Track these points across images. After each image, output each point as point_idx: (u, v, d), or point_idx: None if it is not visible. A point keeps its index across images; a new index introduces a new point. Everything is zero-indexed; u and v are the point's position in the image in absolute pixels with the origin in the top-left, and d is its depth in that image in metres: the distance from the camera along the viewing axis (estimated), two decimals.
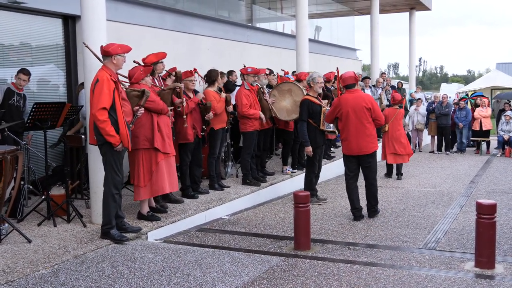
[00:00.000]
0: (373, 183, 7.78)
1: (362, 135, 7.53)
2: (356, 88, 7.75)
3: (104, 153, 6.16)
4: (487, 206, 5.50)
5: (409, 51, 23.45)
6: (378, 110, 7.62)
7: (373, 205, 7.88)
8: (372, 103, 7.54)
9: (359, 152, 7.62)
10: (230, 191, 8.86)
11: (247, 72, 9.24)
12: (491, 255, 5.47)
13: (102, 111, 5.87)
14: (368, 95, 7.66)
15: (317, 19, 22.32)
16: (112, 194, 6.14)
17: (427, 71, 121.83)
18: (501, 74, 34.12)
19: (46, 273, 5.18)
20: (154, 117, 6.88)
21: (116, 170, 6.15)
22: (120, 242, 6.17)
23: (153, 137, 6.83)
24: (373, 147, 7.64)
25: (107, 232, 6.20)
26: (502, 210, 8.22)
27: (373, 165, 7.73)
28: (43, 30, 9.12)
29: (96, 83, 5.96)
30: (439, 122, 16.15)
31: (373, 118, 7.57)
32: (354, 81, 7.74)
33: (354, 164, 7.80)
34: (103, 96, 5.86)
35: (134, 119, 6.45)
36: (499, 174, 12.16)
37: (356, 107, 7.49)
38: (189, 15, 12.75)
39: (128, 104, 6.37)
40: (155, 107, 6.79)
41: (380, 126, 7.94)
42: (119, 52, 6.14)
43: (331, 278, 5.12)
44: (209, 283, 4.96)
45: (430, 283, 5.00)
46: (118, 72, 6.35)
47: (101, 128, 5.91)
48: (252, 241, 6.71)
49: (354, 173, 7.85)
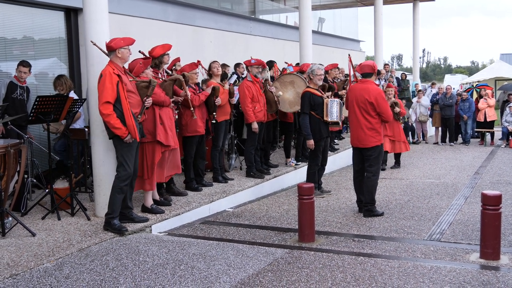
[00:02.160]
0: (371, 177, 7.49)
1: (362, 128, 7.40)
2: (370, 79, 7.57)
3: (115, 146, 6.29)
4: (492, 197, 5.47)
5: (412, 42, 23.33)
6: (383, 105, 7.34)
7: (367, 202, 7.53)
8: (377, 98, 7.29)
9: (358, 144, 7.51)
10: (234, 184, 8.85)
11: (251, 64, 9.20)
12: (496, 246, 5.45)
13: (106, 105, 5.97)
14: (376, 89, 7.45)
15: (320, 11, 22.24)
16: (119, 186, 6.21)
17: (430, 62, 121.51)
18: (505, 65, 33.95)
19: (50, 266, 5.19)
20: (156, 109, 6.88)
21: (127, 162, 6.21)
22: (120, 232, 6.20)
23: (155, 131, 6.83)
24: (374, 141, 7.41)
25: (109, 222, 6.26)
26: (507, 201, 8.19)
27: (373, 159, 7.49)
28: (46, 23, 9.10)
29: (100, 79, 6.09)
30: (443, 114, 16.09)
31: (378, 113, 7.38)
32: (371, 71, 7.52)
33: (357, 157, 7.69)
34: (105, 91, 5.97)
35: (142, 110, 6.45)
36: (503, 165, 12.11)
37: (359, 98, 7.38)
38: (192, 7, 12.71)
39: (135, 96, 6.37)
40: (157, 99, 6.78)
41: (386, 122, 7.76)
42: (122, 45, 6.21)
43: (335, 270, 5.11)
44: (214, 276, 4.96)
45: (435, 274, 4.98)
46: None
47: (106, 122, 6.05)
48: (256, 234, 6.70)
49: (358, 167, 7.71)
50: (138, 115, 6.38)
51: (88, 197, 7.80)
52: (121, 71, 6.22)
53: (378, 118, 7.42)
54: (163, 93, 6.96)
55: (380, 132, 7.52)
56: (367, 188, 7.50)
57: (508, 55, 46.69)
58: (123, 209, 6.44)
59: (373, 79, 7.73)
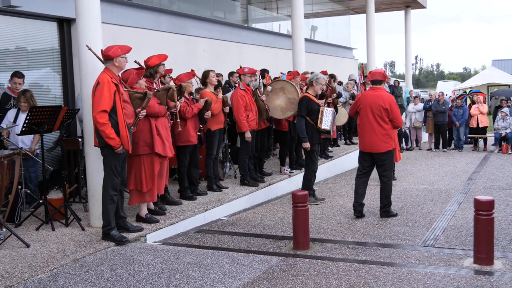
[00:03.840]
0: (387, 182, 7.78)
1: (376, 133, 7.61)
2: (381, 86, 7.81)
3: (104, 155, 6.22)
4: (485, 202, 5.51)
5: (405, 49, 23.47)
6: (396, 112, 7.63)
7: (384, 205, 7.86)
8: (391, 104, 7.57)
9: (371, 149, 7.70)
10: (228, 192, 8.85)
11: (244, 72, 9.23)
12: (490, 251, 5.48)
13: (102, 113, 5.91)
14: (389, 96, 7.77)
15: (312, 19, 22.34)
16: (110, 196, 6.18)
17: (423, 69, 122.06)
18: (497, 71, 34.23)
19: (44, 277, 5.17)
20: (152, 121, 6.84)
21: (116, 172, 6.18)
22: (120, 242, 6.18)
23: (153, 142, 6.81)
24: (387, 146, 7.65)
25: (108, 233, 6.23)
26: (500, 206, 8.23)
27: (388, 164, 7.73)
28: (39, 33, 9.11)
29: (97, 86, 6.01)
30: (436, 120, 16.18)
31: (390, 119, 7.61)
32: (382, 78, 7.82)
33: (367, 162, 7.86)
34: (103, 99, 5.91)
35: (136, 121, 6.44)
36: (496, 171, 12.18)
37: (374, 105, 7.58)
38: (185, 17, 12.75)
39: (129, 106, 6.36)
40: (151, 111, 6.75)
41: (397, 128, 8.02)
42: (120, 54, 6.18)
43: (330, 277, 5.12)
44: (209, 284, 4.96)
45: (429, 280, 5.00)
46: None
47: (101, 131, 5.96)
48: (251, 242, 6.71)
49: (366, 171, 7.91)
50: (132, 126, 6.38)
51: (83, 207, 7.78)
52: (117, 80, 6.20)
53: (390, 124, 7.65)
54: (157, 104, 6.94)
55: (392, 137, 7.78)
56: (384, 193, 7.82)
57: (500, 61, 47.07)
58: (117, 219, 6.41)
59: (384, 86, 7.95)
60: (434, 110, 16.16)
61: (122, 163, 6.34)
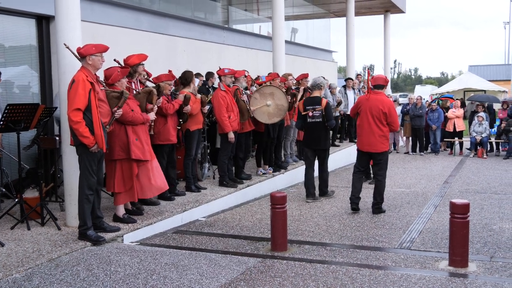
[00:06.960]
0: (381, 180, 8.30)
1: (374, 134, 8.13)
2: (382, 91, 8.30)
3: (80, 154, 6.15)
4: (461, 205, 5.59)
5: (384, 53, 23.71)
6: (394, 116, 8.17)
7: (377, 201, 8.31)
8: (390, 109, 8.10)
9: (369, 149, 8.23)
10: (206, 193, 8.84)
11: (224, 74, 9.22)
12: (465, 254, 5.56)
13: (76, 112, 5.85)
14: (389, 101, 8.31)
15: (293, 21, 22.44)
16: (86, 196, 6.12)
17: (401, 73, 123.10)
18: (473, 76, 34.76)
19: (19, 277, 5.10)
20: (128, 126, 6.76)
21: (91, 171, 6.12)
22: (97, 242, 6.13)
23: (129, 148, 6.71)
24: (383, 147, 8.19)
25: (84, 233, 6.17)
26: (475, 210, 8.35)
27: (383, 163, 8.29)
28: (17, 30, 8.99)
29: (72, 84, 5.95)
30: (413, 124, 16.37)
31: (388, 123, 8.13)
32: (384, 83, 8.38)
33: (365, 160, 8.48)
34: (77, 97, 5.85)
35: (111, 120, 6.38)
36: (472, 175, 12.35)
37: (374, 108, 8.10)
38: (165, 16, 12.70)
39: (105, 105, 6.30)
40: (123, 119, 6.62)
41: (394, 131, 8.45)
42: (93, 53, 6.10)
43: (308, 279, 5.15)
44: (186, 285, 4.94)
45: (405, 282, 5.06)
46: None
47: (74, 129, 5.90)
48: (229, 243, 6.70)
49: (364, 169, 8.63)
50: (107, 125, 6.31)
51: (59, 207, 7.70)
52: (94, 78, 6.14)
53: (388, 127, 8.21)
54: (131, 113, 6.73)
55: (388, 139, 8.36)
56: (379, 190, 8.32)
57: (476, 66, 47.87)
58: (93, 219, 6.34)
59: (384, 91, 8.52)
60: (411, 114, 16.35)
61: (98, 163, 6.28)
